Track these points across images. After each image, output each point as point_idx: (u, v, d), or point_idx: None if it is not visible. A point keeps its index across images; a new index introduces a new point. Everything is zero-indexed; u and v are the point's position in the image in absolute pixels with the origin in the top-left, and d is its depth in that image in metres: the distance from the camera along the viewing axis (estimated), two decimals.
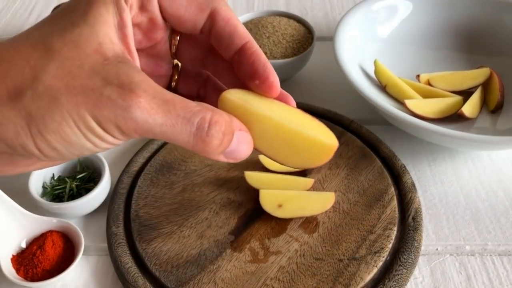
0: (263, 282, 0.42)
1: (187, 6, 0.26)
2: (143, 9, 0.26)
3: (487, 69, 0.61)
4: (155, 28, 0.27)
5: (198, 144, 0.24)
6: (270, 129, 0.27)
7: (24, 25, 0.80)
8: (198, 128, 0.24)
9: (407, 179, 0.51)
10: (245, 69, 0.28)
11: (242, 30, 0.27)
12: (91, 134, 0.23)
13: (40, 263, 0.44)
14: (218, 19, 0.27)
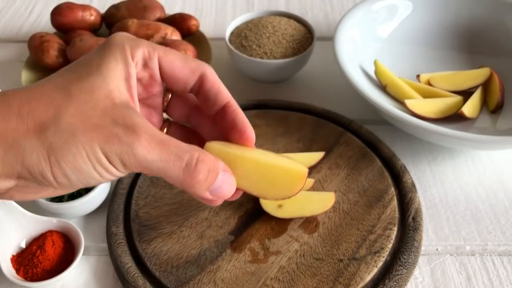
0: (263, 282, 0.42)
1: (181, 68, 0.32)
2: (146, 67, 0.31)
3: (487, 69, 0.61)
4: (153, 84, 0.33)
5: (187, 179, 0.29)
6: (249, 167, 0.32)
7: (24, 25, 0.80)
8: (187, 164, 0.28)
9: (407, 179, 0.51)
10: (226, 123, 0.33)
11: (225, 91, 0.33)
12: (99, 165, 0.27)
13: (40, 263, 0.44)
14: (206, 81, 0.32)
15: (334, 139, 0.55)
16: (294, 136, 0.56)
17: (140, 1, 0.71)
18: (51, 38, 0.64)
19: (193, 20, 0.70)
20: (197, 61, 0.32)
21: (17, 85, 0.64)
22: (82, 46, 0.62)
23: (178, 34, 0.67)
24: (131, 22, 0.66)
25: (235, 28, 0.68)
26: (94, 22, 0.70)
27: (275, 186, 0.32)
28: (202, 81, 0.32)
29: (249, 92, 0.66)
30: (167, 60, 0.32)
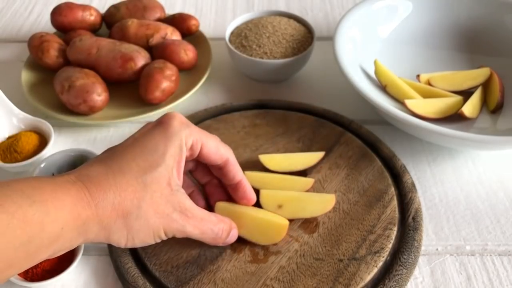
0: (263, 282, 0.42)
1: (214, 154, 0.42)
2: (191, 149, 0.40)
3: (487, 69, 0.61)
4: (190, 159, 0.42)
5: (213, 243, 0.43)
6: (247, 221, 0.45)
7: (24, 25, 0.80)
8: (216, 235, 0.41)
9: (407, 179, 0.51)
10: (238, 194, 0.45)
11: (240, 172, 0.44)
12: (158, 238, 0.38)
13: (40, 263, 0.44)
14: (228, 164, 0.43)
15: (334, 139, 0.55)
16: (294, 136, 0.56)
17: (140, 1, 0.71)
18: (51, 38, 0.64)
19: (193, 20, 0.70)
20: (225, 149, 0.42)
21: (17, 85, 0.64)
22: (82, 46, 0.62)
23: (178, 34, 0.67)
24: (131, 22, 0.66)
25: (235, 28, 0.68)
26: (94, 22, 0.70)
27: (265, 234, 0.45)
28: (226, 164, 0.43)
29: (249, 92, 0.66)
30: (206, 147, 0.41)
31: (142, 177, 0.36)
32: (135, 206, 0.36)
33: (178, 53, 0.63)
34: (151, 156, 0.37)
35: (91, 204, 0.34)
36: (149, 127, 0.39)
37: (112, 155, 0.38)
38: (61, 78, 0.59)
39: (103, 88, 0.58)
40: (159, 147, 0.37)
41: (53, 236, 0.32)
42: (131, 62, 0.60)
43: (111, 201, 0.35)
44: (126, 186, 0.36)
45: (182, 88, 0.63)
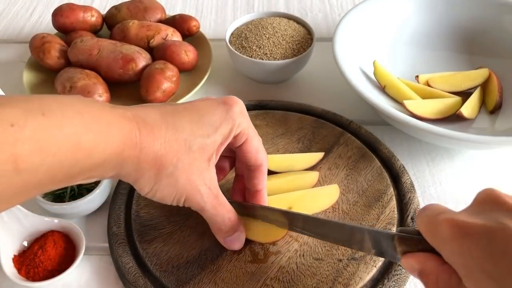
0: (263, 282, 0.43)
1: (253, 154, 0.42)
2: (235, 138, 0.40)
3: (486, 70, 0.61)
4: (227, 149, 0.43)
5: (216, 230, 0.43)
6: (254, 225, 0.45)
7: (25, 26, 0.81)
8: (222, 223, 0.42)
9: (406, 179, 0.51)
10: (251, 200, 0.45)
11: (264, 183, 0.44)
12: (176, 203, 0.39)
13: (42, 263, 0.44)
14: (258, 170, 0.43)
15: (333, 140, 0.55)
16: (294, 136, 0.56)
17: (141, 2, 0.71)
18: (52, 39, 0.65)
19: (194, 21, 0.70)
20: (263, 155, 0.43)
21: (18, 85, 0.64)
22: (83, 47, 0.62)
23: (178, 35, 0.67)
24: (132, 23, 0.66)
25: (235, 29, 0.68)
26: (95, 23, 0.71)
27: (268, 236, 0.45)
28: (256, 169, 0.43)
29: (249, 92, 0.66)
30: (249, 143, 0.41)
31: (191, 141, 0.37)
32: (173, 164, 0.36)
33: (179, 54, 0.63)
34: (206, 127, 0.38)
35: (138, 146, 0.35)
36: (212, 101, 0.40)
37: (171, 109, 0.38)
38: (63, 78, 0.59)
39: (104, 89, 0.59)
40: (216, 123, 0.38)
41: (95, 164, 0.33)
42: (132, 63, 0.61)
43: (155, 150, 0.35)
44: (174, 143, 0.36)
45: (182, 88, 0.63)
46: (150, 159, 0.35)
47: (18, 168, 0.28)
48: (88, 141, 0.31)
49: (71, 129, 0.31)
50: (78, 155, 0.31)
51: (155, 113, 0.37)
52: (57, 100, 0.32)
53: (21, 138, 0.28)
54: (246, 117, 0.41)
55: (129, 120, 0.35)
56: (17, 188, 0.29)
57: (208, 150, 0.38)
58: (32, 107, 0.29)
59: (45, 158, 0.29)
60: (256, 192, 0.44)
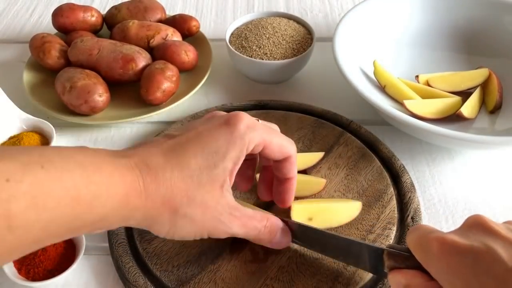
0: (263, 282, 0.43)
1: (277, 153, 0.41)
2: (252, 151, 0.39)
3: (486, 70, 0.61)
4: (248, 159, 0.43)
5: (256, 240, 0.41)
6: None
7: (25, 26, 0.81)
8: (259, 232, 0.40)
9: (406, 179, 0.51)
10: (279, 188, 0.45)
11: (294, 171, 0.43)
12: (199, 237, 0.38)
13: (42, 263, 0.44)
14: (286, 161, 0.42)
15: (333, 139, 0.56)
16: (294, 136, 0.56)
17: (141, 2, 0.71)
18: (52, 39, 0.65)
19: (194, 21, 0.70)
20: (288, 147, 0.41)
21: (18, 85, 0.64)
22: (83, 47, 0.62)
23: (178, 35, 0.67)
24: (132, 23, 0.67)
25: (235, 29, 0.68)
26: (95, 23, 0.71)
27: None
28: (285, 161, 0.42)
29: (249, 92, 0.66)
30: (269, 147, 0.40)
31: (198, 176, 0.36)
32: (184, 204, 0.35)
33: (179, 54, 0.63)
34: (212, 157, 0.36)
35: (142, 195, 0.34)
36: (215, 124, 0.38)
37: (174, 145, 0.37)
38: (63, 78, 0.59)
39: (104, 89, 0.59)
40: (221, 149, 0.37)
41: (98, 217, 0.32)
42: (132, 63, 0.61)
43: (162, 194, 0.35)
44: (180, 183, 0.35)
45: (182, 88, 0.64)
46: (159, 205, 0.35)
47: (11, 225, 0.27)
48: (88, 194, 0.31)
49: (71, 182, 0.30)
50: (78, 209, 0.30)
51: (158, 155, 0.36)
52: (59, 151, 0.31)
53: (16, 194, 0.27)
54: (256, 128, 0.38)
55: (132, 169, 0.34)
56: (11, 245, 0.28)
57: (218, 179, 0.37)
58: (31, 160, 0.29)
59: (42, 213, 0.28)
60: (287, 181, 0.44)
